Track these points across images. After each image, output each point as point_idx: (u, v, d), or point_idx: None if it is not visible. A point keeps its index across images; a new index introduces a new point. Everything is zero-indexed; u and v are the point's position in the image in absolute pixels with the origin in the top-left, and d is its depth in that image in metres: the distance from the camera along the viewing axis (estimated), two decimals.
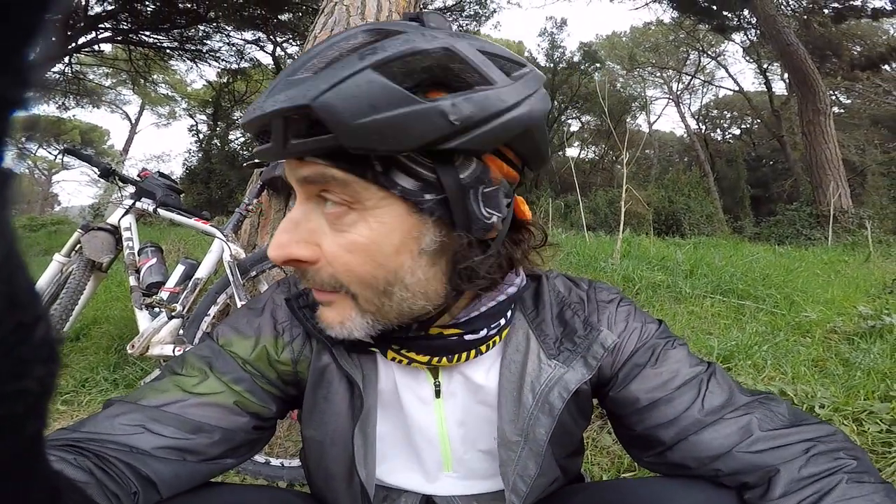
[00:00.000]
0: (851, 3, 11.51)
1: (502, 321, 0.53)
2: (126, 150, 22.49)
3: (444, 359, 0.52)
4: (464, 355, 0.53)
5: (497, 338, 0.54)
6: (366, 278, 0.44)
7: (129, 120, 23.23)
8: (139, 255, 1.57)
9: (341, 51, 0.39)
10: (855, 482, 0.43)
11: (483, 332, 0.52)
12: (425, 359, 0.52)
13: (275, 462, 1.31)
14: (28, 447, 0.19)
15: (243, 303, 1.34)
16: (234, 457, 0.53)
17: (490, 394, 0.56)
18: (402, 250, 0.43)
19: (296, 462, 1.31)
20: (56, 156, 23.33)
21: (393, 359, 0.53)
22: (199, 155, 14.36)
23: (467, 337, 0.51)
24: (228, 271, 1.40)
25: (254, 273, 1.43)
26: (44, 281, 1.66)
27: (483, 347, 0.53)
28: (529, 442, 0.53)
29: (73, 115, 18.81)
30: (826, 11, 11.92)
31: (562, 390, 0.53)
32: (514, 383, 0.54)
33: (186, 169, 13.76)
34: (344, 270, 0.44)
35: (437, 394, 0.57)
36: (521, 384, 0.54)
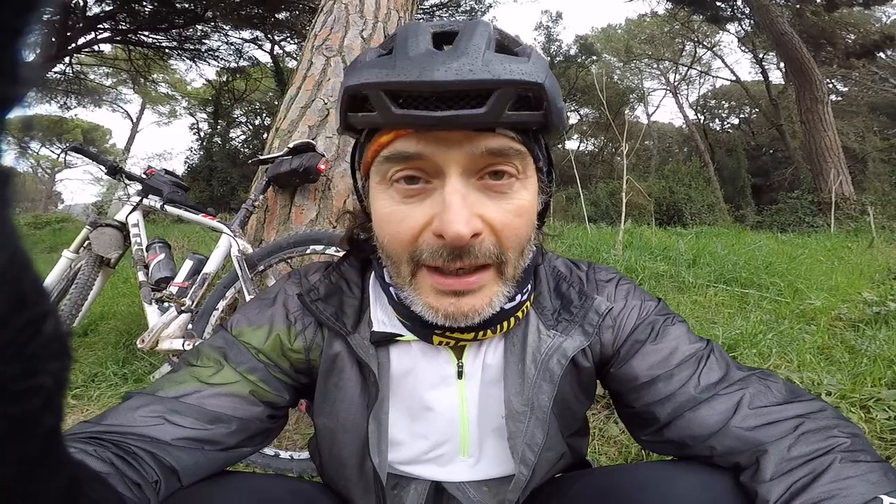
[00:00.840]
0: None
1: (529, 286, 0.56)
2: (128, 148, 22.46)
3: (489, 331, 0.54)
4: (505, 324, 0.55)
5: (528, 303, 0.56)
6: (523, 239, 0.49)
7: (131, 119, 23.22)
8: (147, 250, 1.59)
9: (497, 42, 0.45)
10: (850, 461, 0.42)
11: (518, 298, 0.54)
12: (471, 336, 0.54)
13: (284, 455, 1.32)
14: (46, 441, 0.19)
15: (252, 297, 1.36)
16: (250, 445, 0.55)
17: (497, 371, 0.58)
18: (535, 215, 0.51)
19: (305, 454, 1.32)
20: (61, 154, 23.38)
21: (440, 343, 0.55)
22: (201, 153, 14.32)
23: (507, 306, 0.53)
24: (237, 266, 1.41)
25: (261, 267, 1.44)
26: (53, 277, 1.68)
27: (519, 314, 0.55)
28: (535, 410, 0.55)
29: (75, 115, 18.84)
30: (818, 0, 11.82)
31: (560, 357, 0.55)
32: (516, 356, 0.56)
33: (188, 167, 13.74)
34: (512, 234, 0.48)
35: (460, 375, 0.58)
36: (523, 356, 0.56)
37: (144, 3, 10.42)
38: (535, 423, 0.55)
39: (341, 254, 1.44)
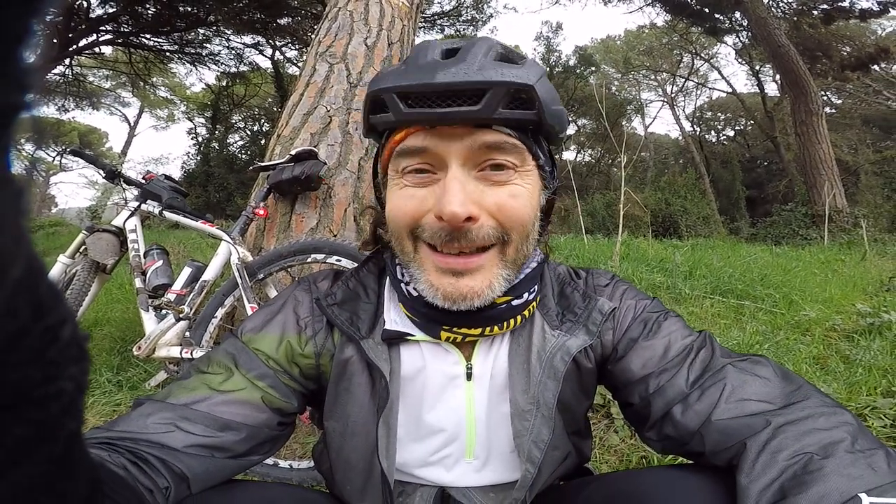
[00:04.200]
0: (840, 4, 11.52)
1: (536, 286, 0.58)
2: (124, 152, 22.41)
3: (496, 327, 0.55)
4: (511, 322, 0.56)
5: (534, 304, 0.58)
6: (525, 220, 0.52)
7: (128, 122, 23.17)
8: (145, 257, 1.58)
9: (498, 53, 0.50)
10: (830, 455, 0.40)
11: (525, 296, 0.56)
12: (478, 331, 0.55)
13: (283, 464, 1.31)
14: (68, 445, 0.19)
15: (252, 305, 1.35)
16: (260, 453, 0.55)
17: (504, 372, 0.59)
18: (536, 204, 0.54)
19: (304, 464, 1.31)
20: (59, 157, 23.28)
21: (448, 338, 0.56)
22: (198, 158, 14.29)
23: (514, 302, 0.55)
24: (236, 274, 1.40)
25: (261, 276, 1.43)
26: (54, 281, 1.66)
27: (526, 312, 0.57)
28: (541, 408, 0.56)
29: (73, 117, 18.77)
30: (815, 13, 11.95)
31: (564, 354, 0.56)
32: (522, 356, 0.58)
33: (185, 172, 13.68)
34: (512, 213, 0.51)
35: (469, 377, 0.58)
36: (528, 356, 0.57)
37: (147, 6, 10.44)
38: (541, 421, 0.56)
39: (342, 262, 1.44)
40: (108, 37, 11.54)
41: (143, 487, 0.42)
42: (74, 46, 10.86)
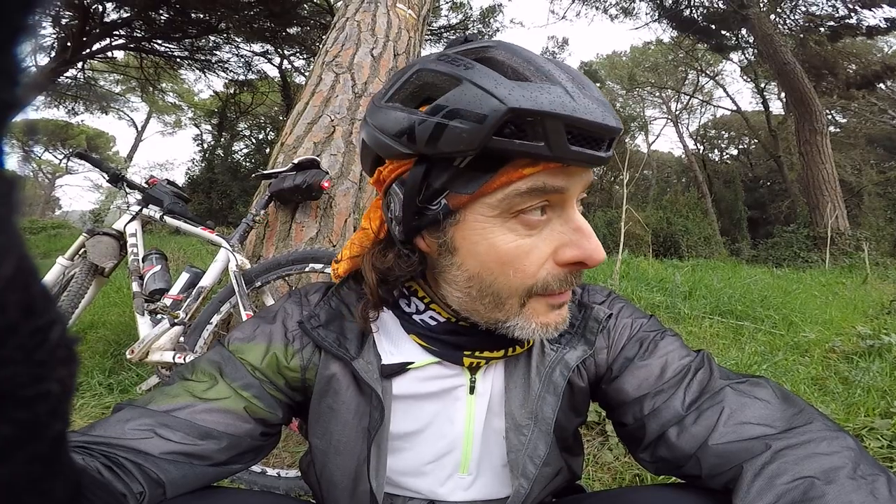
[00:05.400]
0: (847, 21, 11.45)
1: None
2: (130, 156, 22.64)
3: (517, 346, 0.56)
4: (531, 339, 0.56)
5: None
6: None
7: (136, 127, 23.38)
8: (143, 261, 1.58)
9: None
10: (831, 482, 0.39)
11: None
12: (501, 353, 0.55)
13: (271, 472, 1.30)
14: (52, 448, 0.19)
15: (248, 313, 1.35)
16: (241, 462, 0.54)
17: (501, 388, 0.58)
18: None
19: (293, 472, 1.30)
20: (66, 159, 23.52)
21: (470, 364, 0.56)
22: (202, 165, 14.42)
23: None
24: (234, 281, 1.41)
25: (259, 283, 1.43)
26: (45, 283, 1.66)
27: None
28: (539, 423, 0.55)
29: (82, 121, 18.98)
30: (822, 30, 11.88)
31: (563, 368, 0.56)
32: (520, 370, 0.57)
33: (189, 178, 13.79)
34: None
35: (472, 391, 0.58)
36: (527, 370, 0.57)
37: (161, 12, 10.61)
38: (539, 436, 0.55)
39: None
40: (120, 41, 11.73)
41: (117, 492, 0.41)
42: (88, 50, 11.03)
